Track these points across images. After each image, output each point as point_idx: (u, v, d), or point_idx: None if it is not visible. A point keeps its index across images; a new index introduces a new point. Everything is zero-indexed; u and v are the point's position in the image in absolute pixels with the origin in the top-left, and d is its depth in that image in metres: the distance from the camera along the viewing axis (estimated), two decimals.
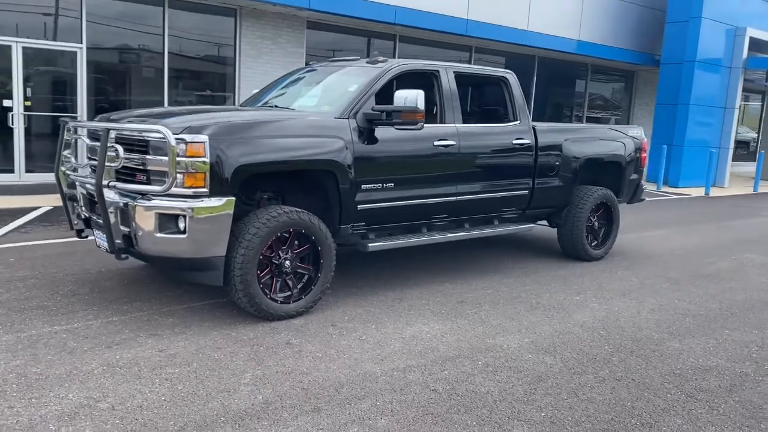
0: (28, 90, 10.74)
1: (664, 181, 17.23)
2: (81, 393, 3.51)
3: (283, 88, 6.28)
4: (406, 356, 4.24)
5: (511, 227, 6.67)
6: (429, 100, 6.17)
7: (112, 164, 4.60)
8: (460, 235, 6.17)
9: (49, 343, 4.19)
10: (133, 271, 5.90)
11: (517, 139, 6.43)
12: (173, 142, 4.26)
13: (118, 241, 4.58)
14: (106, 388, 3.57)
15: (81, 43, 11.02)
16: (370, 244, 5.44)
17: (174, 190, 4.37)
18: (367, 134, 5.26)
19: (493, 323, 4.99)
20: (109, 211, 4.54)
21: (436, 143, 5.71)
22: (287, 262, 4.83)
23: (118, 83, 12.03)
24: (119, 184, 4.56)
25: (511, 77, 6.64)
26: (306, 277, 5.01)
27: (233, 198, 4.49)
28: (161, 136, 4.31)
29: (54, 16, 10.95)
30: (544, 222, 7.50)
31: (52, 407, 3.34)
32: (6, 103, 10.57)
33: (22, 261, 6.17)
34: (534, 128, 6.65)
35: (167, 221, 4.39)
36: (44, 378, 3.68)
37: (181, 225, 4.38)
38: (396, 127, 5.30)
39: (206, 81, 12.83)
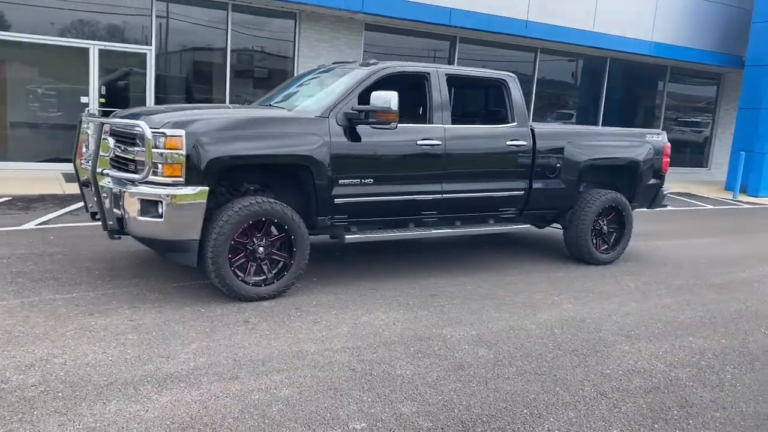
0: (102, 88, 11.83)
1: (741, 190, 16.36)
2: (45, 350, 4.08)
3: (293, 87, 6.70)
4: (347, 339, 4.55)
5: (505, 226, 6.78)
6: (419, 101, 6.47)
7: (106, 154, 5.20)
8: (445, 231, 6.39)
9: (44, 309, 4.83)
10: (148, 253, 6.52)
11: (511, 140, 6.54)
12: (149, 135, 4.80)
13: (111, 222, 5.18)
14: (67, 347, 4.13)
15: (150, 45, 12.01)
16: (347, 236, 5.77)
17: (154, 178, 4.91)
18: (347, 132, 5.60)
19: (452, 315, 5.19)
20: (102, 195, 5.15)
21: (419, 142, 5.96)
22: (261, 248, 5.26)
23: (183, 82, 12.98)
24: (112, 172, 5.15)
25: (511, 80, 6.75)
26: (281, 263, 5.41)
27: (207, 188, 4.97)
28: (141, 130, 4.85)
29: (126, 20, 11.99)
30: (558, 225, 7.51)
31: (16, 359, 3.92)
32: (83, 99, 11.70)
33: (59, 239, 6.98)
34: (533, 130, 6.73)
35: (149, 206, 4.92)
36: (24, 336, 4.29)
37: (160, 210, 4.90)
38: (371, 126, 5.60)
39: (266, 81, 13.55)
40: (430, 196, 6.13)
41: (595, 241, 7.30)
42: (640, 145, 7.55)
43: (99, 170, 5.17)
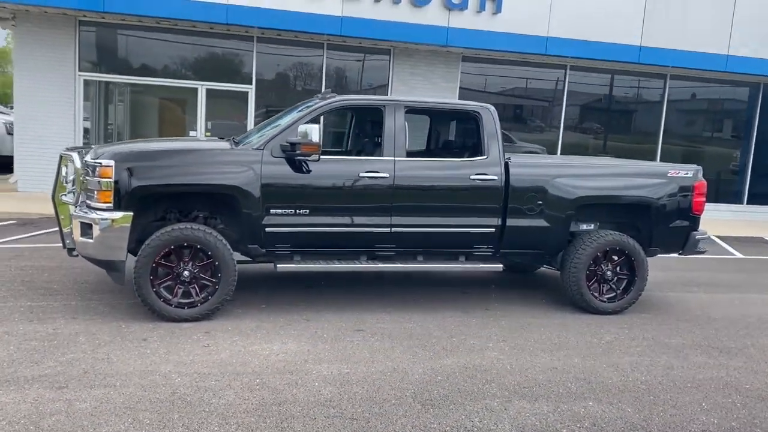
0: (209, 123, 13.19)
1: None
2: None
3: (270, 122, 7.04)
4: (210, 365, 4.67)
5: (475, 265, 6.40)
6: (374, 134, 6.44)
7: (66, 181, 5.92)
8: (399, 267, 6.22)
9: (15, 312, 5.61)
10: None
11: (477, 174, 6.20)
12: (77, 164, 5.43)
13: (68, 241, 5.88)
14: None
15: (251, 84, 13.14)
16: (280, 265, 5.90)
17: (91, 203, 5.51)
18: (283, 164, 5.77)
19: (348, 352, 5.07)
20: (60, 218, 5.88)
21: (362, 174, 5.92)
22: (186, 272, 5.60)
23: None
24: (66, 197, 5.86)
25: (485, 112, 6.41)
26: (211, 287, 5.70)
27: (130, 213, 5.45)
28: (72, 160, 5.51)
29: (230, 62, 13.28)
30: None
31: None
32: (192, 133, 13.14)
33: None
34: (507, 164, 6.31)
35: (86, 228, 5.53)
36: None
37: (91, 232, 5.48)
38: (297, 158, 5.72)
39: None
40: (379, 229, 6.03)
41: (598, 287, 6.57)
42: (658, 182, 6.67)
43: (59, 195, 5.91)
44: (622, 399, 4.46)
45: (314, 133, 5.53)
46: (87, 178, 5.58)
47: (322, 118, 6.18)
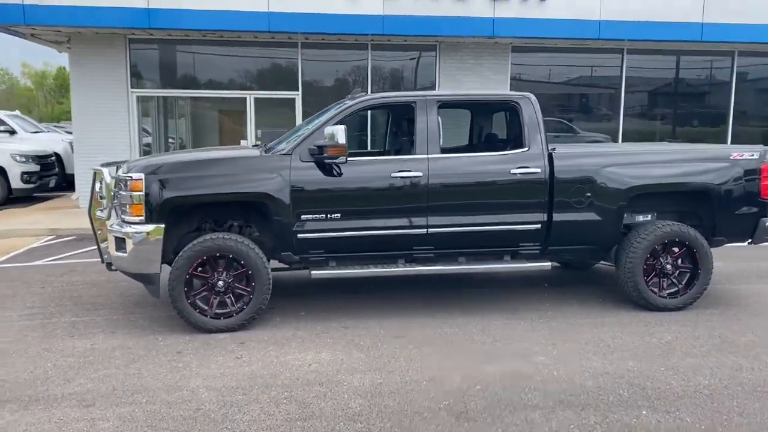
0: (258, 132, 13.25)
1: None
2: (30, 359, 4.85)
3: (304, 123, 6.88)
4: (240, 378, 4.55)
5: (521, 264, 6.05)
6: (406, 132, 6.20)
7: (102, 195, 5.95)
8: (439, 269, 5.96)
9: (59, 328, 5.69)
10: None
11: (518, 167, 5.86)
12: (108, 179, 5.44)
13: (106, 256, 5.91)
14: (9, 364, 4.85)
15: (297, 90, 13.12)
16: (314, 272, 5.74)
17: (125, 217, 5.51)
18: (312, 168, 5.62)
19: (384, 361, 4.85)
20: (98, 232, 5.92)
21: (394, 174, 5.69)
22: (220, 282, 5.52)
23: None
24: (100, 212, 5.88)
25: (524, 101, 6.05)
26: (247, 297, 5.60)
27: (162, 226, 5.41)
28: (102, 175, 5.52)
29: (276, 70, 13.31)
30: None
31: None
32: (243, 142, 13.22)
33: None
34: (551, 155, 5.94)
35: (120, 243, 5.54)
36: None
37: (126, 246, 5.48)
38: (325, 161, 5.54)
39: None
40: (415, 231, 5.78)
41: (657, 282, 6.10)
42: (719, 166, 6.13)
43: (95, 212, 5.95)
44: (681, 407, 4.05)
45: (340, 134, 5.35)
46: (120, 192, 5.58)
47: (362, 116, 5.94)
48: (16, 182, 13.77)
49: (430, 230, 5.78)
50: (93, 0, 11.11)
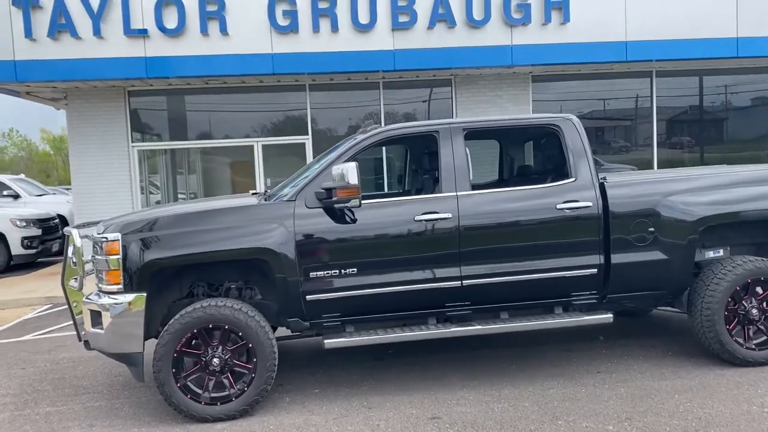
0: (267, 180, 12.47)
1: None
2: None
3: (311, 164, 6.02)
4: None
5: (576, 318, 5.02)
6: (429, 167, 5.31)
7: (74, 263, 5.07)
8: (476, 329, 4.92)
9: (29, 422, 4.76)
10: None
11: (565, 202, 4.91)
12: (77, 242, 4.56)
13: (83, 332, 5.00)
14: None
15: (307, 135, 12.37)
16: (326, 341, 4.77)
17: (102, 286, 4.62)
18: (320, 215, 4.72)
19: None
20: (73, 305, 5.02)
21: (418, 218, 4.76)
22: (215, 359, 4.56)
23: None
24: (74, 281, 5.00)
25: (566, 124, 5.14)
26: (248, 376, 4.63)
27: (143, 294, 4.51)
28: (70, 236, 4.65)
29: (283, 115, 12.61)
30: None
31: None
32: (252, 191, 12.42)
33: None
34: (603, 186, 4.99)
35: (96, 317, 4.64)
36: None
37: (101, 321, 4.57)
38: (335, 205, 4.64)
39: None
40: (447, 284, 4.82)
41: (742, 331, 5.05)
42: None
43: (69, 281, 5.06)
44: None
45: (351, 173, 4.45)
46: (96, 256, 4.71)
47: (377, 156, 5.06)
48: (16, 248, 13.03)
49: (465, 282, 4.82)
50: (88, 52, 10.53)
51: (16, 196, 15.57)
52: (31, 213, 13.73)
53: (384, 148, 11.77)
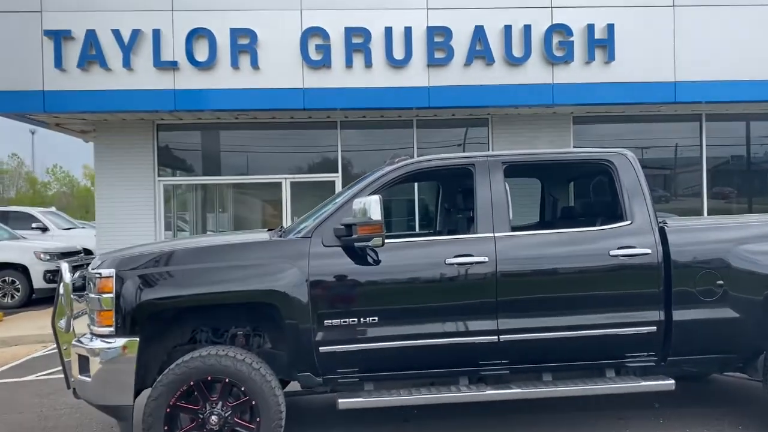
0: (295, 218, 12.01)
1: None
2: None
3: (333, 197, 5.50)
4: None
5: (626, 385, 4.33)
6: (462, 205, 4.74)
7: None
8: (513, 392, 4.26)
9: None
10: None
11: (620, 248, 4.27)
12: (66, 278, 4.10)
13: (72, 379, 4.48)
14: None
15: (337, 172, 11.95)
16: (341, 401, 4.16)
17: (94, 328, 4.13)
18: (338, 255, 4.19)
19: None
20: (63, 348, 4.53)
21: (450, 261, 4.18)
22: (213, 417, 3.99)
23: None
24: (62, 322, 4.51)
25: (620, 160, 4.55)
26: None
27: (136, 339, 4.00)
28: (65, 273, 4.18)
29: (313, 152, 12.24)
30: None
31: None
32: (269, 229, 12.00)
33: None
34: (663, 230, 4.35)
35: (84, 362, 4.15)
36: None
37: (89, 367, 4.06)
38: (355, 244, 4.09)
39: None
40: (482, 339, 4.20)
41: None
42: None
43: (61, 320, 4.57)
44: None
45: (374, 207, 3.92)
46: (89, 294, 4.23)
47: (407, 193, 4.56)
48: (38, 281, 12.74)
49: (503, 337, 4.19)
50: (117, 84, 10.34)
51: (45, 229, 15.44)
52: (56, 246, 13.50)
53: (416, 185, 11.28)
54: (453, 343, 4.18)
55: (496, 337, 4.19)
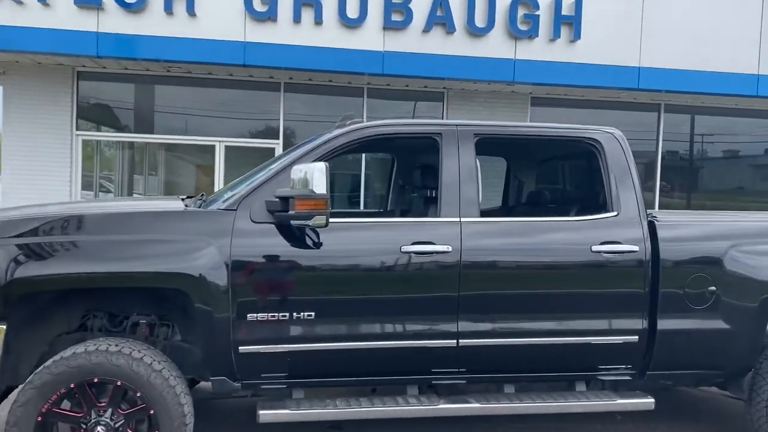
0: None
1: None
2: None
3: (268, 163, 4.66)
4: None
5: (599, 402, 3.72)
6: (424, 182, 4.02)
7: None
8: (468, 407, 3.59)
9: None
10: None
11: (604, 243, 3.63)
12: None
13: None
14: None
15: (278, 139, 11.01)
16: (263, 413, 3.39)
17: None
18: (265, 234, 3.37)
19: None
20: None
21: (406, 248, 3.44)
22: (100, 428, 3.15)
23: None
24: None
25: (609, 141, 3.90)
26: None
27: (2, 325, 3.11)
28: None
29: (253, 115, 11.26)
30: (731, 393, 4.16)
31: None
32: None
33: None
34: (653, 224, 3.74)
35: None
36: None
37: None
38: (291, 222, 3.30)
39: None
40: (438, 342, 3.50)
41: None
42: None
43: None
44: None
45: (317, 177, 3.14)
46: None
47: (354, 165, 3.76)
48: None
49: (463, 341, 3.51)
50: (30, 20, 9.07)
51: None
52: None
53: (363, 157, 10.51)
54: (403, 347, 3.48)
55: (455, 340, 3.50)
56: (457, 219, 3.56)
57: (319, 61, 9.69)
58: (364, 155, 10.49)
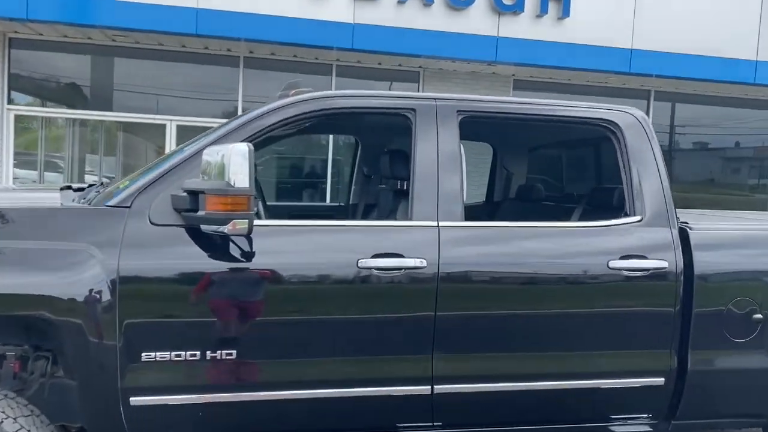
0: None
1: None
2: None
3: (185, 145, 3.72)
4: None
5: None
6: (387, 173, 3.11)
7: None
8: None
9: None
10: None
11: (625, 258, 2.76)
12: None
13: None
14: None
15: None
16: None
17: None
18: (171, 239, 2.44)
19: None
20: None
21: (365, 262, 2.53)
22: None
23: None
24: None
25: (630, 124, 3.03)
26: None
27: None
28: None
29: (208, 92, 10.21)
30: None
31: None
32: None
33: None
34: (684, 231, 2.88)
35: None
36: None
37: None
38: (202, 226, 2.36)
39: None
40: (407, 388, 2.60)
41: None
42: None
43: None
44: None
45: (237, 164, 2.20)
46: None
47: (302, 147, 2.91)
48: None
49: (439, 387, 2.63)
50: None
51: None
52: None
53: (330, 138, 9.56)
54: (359, 395, 2.58)
55: (429, 386, 2.61)
56: (435, 222, 2.65)
57: (282, 33, 8.67)
58: (331, 136, 9.54)
